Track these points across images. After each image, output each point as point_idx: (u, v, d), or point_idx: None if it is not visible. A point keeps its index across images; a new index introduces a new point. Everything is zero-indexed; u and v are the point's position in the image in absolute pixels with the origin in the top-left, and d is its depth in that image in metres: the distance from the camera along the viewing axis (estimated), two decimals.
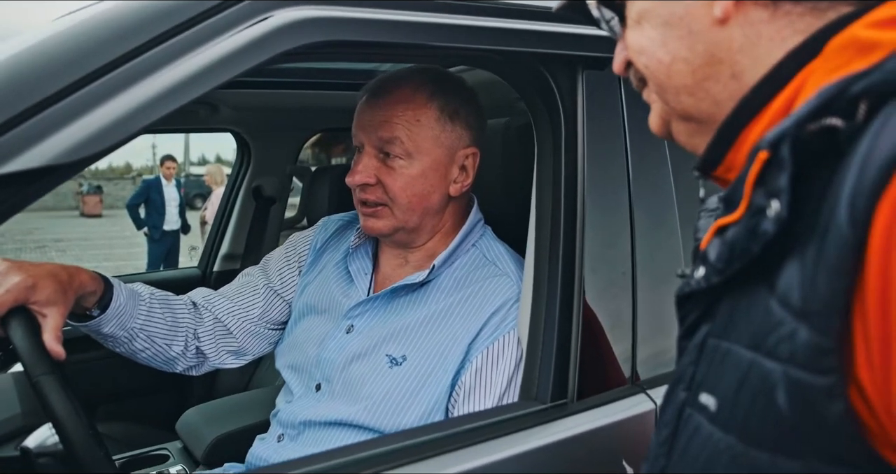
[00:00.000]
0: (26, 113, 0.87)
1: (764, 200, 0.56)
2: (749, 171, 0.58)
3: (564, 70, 1.32)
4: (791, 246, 0.54)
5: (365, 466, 1.09)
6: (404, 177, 1.46)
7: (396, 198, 1.46)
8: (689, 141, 0.75)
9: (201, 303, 1.64)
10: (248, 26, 1.00)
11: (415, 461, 1.11)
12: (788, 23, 0.63)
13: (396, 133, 1.44)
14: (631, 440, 1.26)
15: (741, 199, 0.59)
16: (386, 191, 1.46)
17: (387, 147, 1.45)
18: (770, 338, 0.55)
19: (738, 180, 0.61)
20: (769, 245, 0.56)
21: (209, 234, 3.11)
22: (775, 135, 0.56)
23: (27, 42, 0.96)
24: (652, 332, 1.34)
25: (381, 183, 1.46)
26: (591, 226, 1.29)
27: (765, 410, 0.55)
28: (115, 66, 0.93)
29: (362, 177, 1.46)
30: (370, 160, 1.46)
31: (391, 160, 1.46)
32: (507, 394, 1.36)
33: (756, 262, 0.58)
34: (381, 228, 1.50)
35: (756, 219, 0.57)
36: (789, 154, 0.54)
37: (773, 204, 0.55)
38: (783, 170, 0.54)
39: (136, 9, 0.97)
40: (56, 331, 1.19)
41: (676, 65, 0.69)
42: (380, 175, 1.46)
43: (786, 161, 0.54)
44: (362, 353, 1.45)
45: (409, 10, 1.12)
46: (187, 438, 2.04)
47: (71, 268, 1.31)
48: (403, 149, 1.45)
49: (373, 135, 1.46)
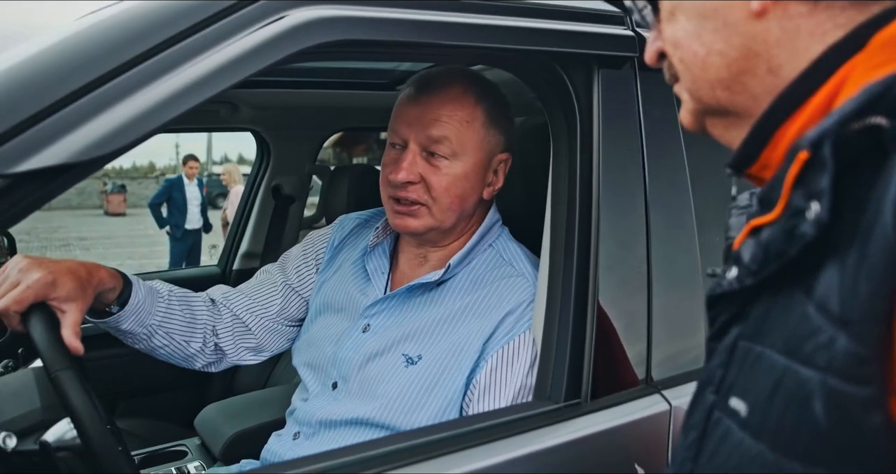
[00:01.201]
0: (45, 111, 0.89)
1: (803, 202, 0.54)
2: (788, 171, 0.56)
3: (580, 69, 1.31)
4: (830, 249, 0.53)
5: (378, 464, 1.09)
6: (449, 177, 1.45)
7: (439, 197, 1.46)
8: (724, 134, 0.73)
9: (220, 299, 1.65)
10: (263, 26, 1.01)
11: (428, 459, 1.12)
12: (829, 16, 0.61)
13: (446, 132, 1.44)
14: (644, 440, 1.26)
15: (778, 200, 0.57)
16: (429, 190, 1.46)
17: (434, 146, 1.44)
18: (807, 344, 0.53)
19: (774, 179, 0.60)
20: (807, 248, 0.54)
21: (228, 233, 3.13)
22: (816, 135, 0.54)
23: (48, 41, 0.98)
24: (667, 333, 1.33)
25: (424, 181, 1.45)
26: (606, 226, 1.29)
27: (799, 419, 0.53)
28: (132, 66, 0.94)
29: (407, 175, 1.44)
30: (415, 157, 1.45)
31: (436, 159, 1.45)
32: (521, 394, 1.36)
33: (792, 265, 0.56)
34: (416, 227, 1.49)
35: (794, 221, 0.55)
36: (831, 154, 0.52)
37: (813, 206, 0.53)
38: (824, 171, 0.52)
39: (153, 9, 0.98)
40: (75, 326, 1.20)
41: (712, 57, 0.68)
42: (424, 173, 1.45)
43: (827, 161, 0.52)
44: (378, 352, 1.45)
45: (424, 10, 1.12)
46: (205, 434, 2.06)
47: (90, 264, 1.32)
48: (451, 148, 1.45)
49: (421, 133, 1.45)
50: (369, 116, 2.91)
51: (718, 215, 1.41)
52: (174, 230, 9.34)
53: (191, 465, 1.95)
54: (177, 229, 9.33)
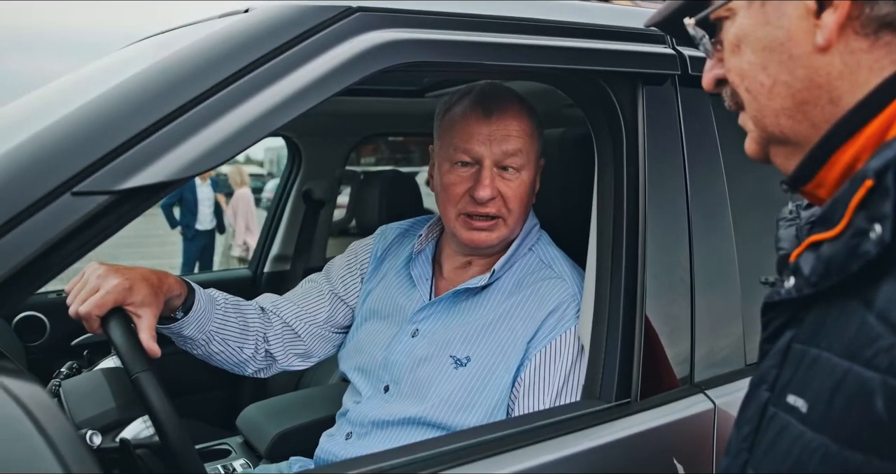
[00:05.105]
0: (146, 131, 0.95)
1: (866, 223, 0.60)
2: (853, 196, 0.62)
3: (625, 86, 1.38)
4: (889, 266, 0.59)
5: (433, 464, 1.14)
6: (522, 188, 1.54)
7: (514, 209, 1.54)
8: (785, 162, 0.79)
9: (269, 308, 1.72)
10: (336, 50, 1.08)
11: (483, 458, 1.17)
12: (887, 53, 0.68)
13: (519, 145, 1.52)
14: (689, 437, 1.32)
15: (840, 219, 0.64)
16: (505, 203, 1.53)
17: (507, 160, 1.52)
18: (867, 349, 0.59)
19: (835, 200, 0.66)
20: (868, 264, 0.60)
21: (259, 236, 3.19)
22: (881, 164, 0.60)
23: (141, 61, 1.05)
24: (709, 335, 1.40)
25: (501, 195, 1.53)
26: (651, 234, 1.35)
27: (861, 414, 0.59)
28: (218, 90, 1.01)
29: (491, 192, 1.51)
30: (490, 173, 1.51)
31: (508, 173, 1.53)
32: (564, 390, 1.43)
33: (850, 277, 0.62)
34: (493, 241, 1.56)
35: (857, 240, 0.61)
36: (893, 183, 0.58)
37: (877, 227, 0.59)
38: (888, 198, 0.59)
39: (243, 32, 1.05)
40: (151, 330, 1.27)
41: (777, 88, 0.74)
42: (500, 188, 1.52)
43: (891, 189, 0.59)
44: (428, 356, 1.52)
45: (484, 32, 1.19)
46: (249, 433, 2.12)
47: (160, 272, 1.39)
48: (521, 161, 1.53)
49: (496, 149, 1.51)
50: (398, 122, 2.97)
51: (753, 223, 1.48)
52: (185, 230, 9.35)
53: (236, 463, 2.02)
54: (188, 229, 9.34)
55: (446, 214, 1.58)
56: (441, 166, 1.58)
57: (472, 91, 1.58)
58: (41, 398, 0.82)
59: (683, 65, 1.39)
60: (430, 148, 1.67)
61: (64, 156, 0.91)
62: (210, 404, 2.79)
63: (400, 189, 2.56)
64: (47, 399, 0.83)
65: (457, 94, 1.60)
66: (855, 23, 0.68)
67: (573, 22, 1.32)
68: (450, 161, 1.55)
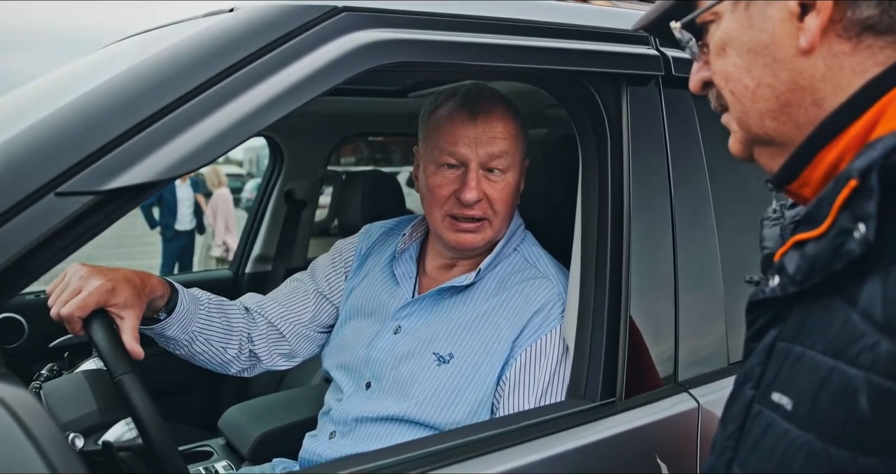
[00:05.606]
0: (130, 132, 0.94)
1: (850, 223, 0.61)
2: (837, 195, 0.63)
3: (610, 86, 1.39)
4: (873, 264, 0.60)
5: (417, 465, 1.14)
6: (507, 190, 1.54)
7: (499, 210, 1.54)
8: (769, 162, 0.80)
9: (254, 308, 1.71)
10: (324, 49, 1.07)
11: (470, 458, 1.17)
12: (870, 55, 0.69)
13: (505, 147, 1.52)
14: (673, 436, 1.33)
15: (825, 219, 0.65)
16: (491, 205, 1.53)
17: (493, 162, 1.52)
18: (851, 347, 0.60)
19: (820, 200, 0.67)
20: (852, 263, 0.61)
21: (241, 237, 3.17)
22: (865, 165, 0.61)
23: (124, 62, 1.04)
24: (692, 334, 1.41)
25: (486, 197, 1.53)
26: (635, 234, 1.36)
27: (846, 412, 0.60)
28: (202, 91, 1.00)
29: (477, 194, 1.51)
30: (476, 175, 1.51)
31: (493, 174, 1.53)
32: (549, 389, 1.43)
33: (834, 276, 0.63)
34: (479, 243, 1.56)
35: (841, 240, 0.62)
36: (877, 183, 0.59)
37: (860, 227, 0.60)
38: (871, 198, 0.60)
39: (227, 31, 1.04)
40: (134, 331, 1.26)
41: (761, 90, 0.75)
42: (486, 189, 1.52)
43: (874, 189, 0.59)
44: (410, 353, 1.52)
45: (471, 32, 1.20)
46: (231, 435, 2.11)
47: (143, 273, 1.38)
48: (507, 162, 1.53)
49: (482, 152, 1.51)
50: (381, 122, 2.96)
51: (736, 222, 1.49)
52: (164, 231, 9.29)
53: (218, 465, 2.00)
54: (167, 230, 9.28)
55: (432, 216, 1.58)
56: (426, 168, 1.58)
57: (457, 92, 1.58)
58: (26, 400, 0.81)
59: (667, 66, 1.40)
60: (415, 149, 1.67)
61: (47, 156, 0.90)
62: (191, 405, 2.77)
63: (382, 189, 2.56)
64: (33, 401, 0.82)
65: (442, 96, 1.60)
66: (837, 26, 0.69)
67: (558, 23, 1.32)
68: (435, 163, 1.55)
